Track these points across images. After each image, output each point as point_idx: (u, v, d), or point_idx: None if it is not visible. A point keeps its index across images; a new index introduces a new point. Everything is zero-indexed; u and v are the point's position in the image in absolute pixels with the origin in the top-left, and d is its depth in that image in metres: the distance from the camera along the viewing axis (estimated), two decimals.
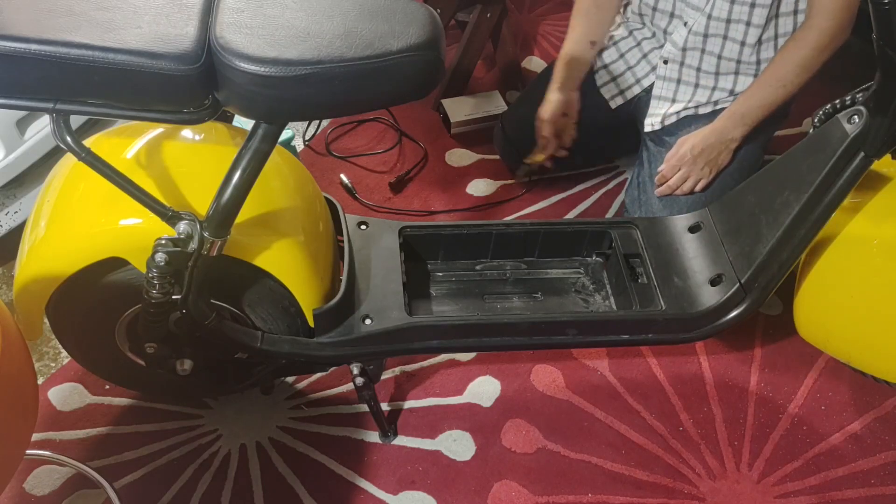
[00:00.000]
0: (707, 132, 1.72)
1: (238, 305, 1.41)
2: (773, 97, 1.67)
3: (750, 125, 1.70)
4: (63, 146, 1.10)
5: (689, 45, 1.75)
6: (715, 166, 1.73)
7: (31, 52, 0.98)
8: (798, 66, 1.63)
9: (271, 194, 1.37)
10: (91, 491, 1.51)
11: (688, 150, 1.72)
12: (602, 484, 1.55)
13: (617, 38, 1.91)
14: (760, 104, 1.68)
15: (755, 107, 1.68)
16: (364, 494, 1.53)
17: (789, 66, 1.64)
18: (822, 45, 1.60)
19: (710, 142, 1.71)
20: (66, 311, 1.38)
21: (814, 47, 1.60)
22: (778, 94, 1.66)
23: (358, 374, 1.50)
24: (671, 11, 1.79)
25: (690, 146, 1.72)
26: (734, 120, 1.70)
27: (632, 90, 1.90)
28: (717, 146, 1.72)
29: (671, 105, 1.82)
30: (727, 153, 1.73)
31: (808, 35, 1.61)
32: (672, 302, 1.53)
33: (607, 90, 1.93)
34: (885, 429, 1.65)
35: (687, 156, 1.73)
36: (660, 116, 1.83)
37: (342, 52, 1.05)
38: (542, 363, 1.74)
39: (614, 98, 1.93)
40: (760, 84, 1.68)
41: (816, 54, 1.61)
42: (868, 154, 1.33)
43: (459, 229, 1.64)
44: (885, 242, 1.42)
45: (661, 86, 1.83)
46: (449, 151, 2.24)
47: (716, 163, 1.73)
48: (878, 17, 1.19)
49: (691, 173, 1.74)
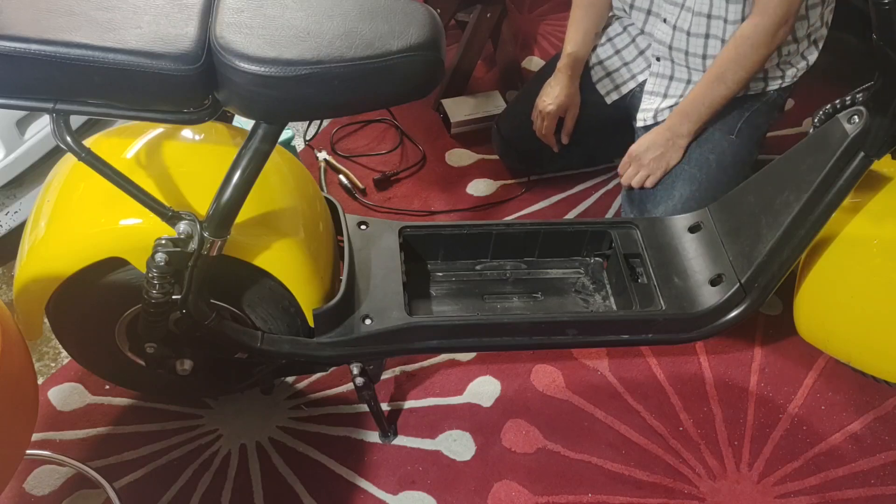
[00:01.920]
0: (657, 130, 1.77)
1: (238, 305, 1.41)
2: (714, 95, 1.70)
3: (696, 122, 1.74)
4: (63, 146, 1.10)
5: (674, 43, 1.76)
6: (663, 162, 1.77)
7: (31, 52, 0.98)
8: (735, 62, 1.65)
9: (271, 194, 1.37)
10: (91, 491, 1.51)
11: (636, 147, 1.79)
12: (602, 484, 1.55)
13: (612, 33, 1.92)
14: (703, 102, 1.71)
15: (698, 104, 1.72)
16: (364, 494, 1.53)
17: (727, 63, 1.66)
18: (758, 41, 1.61)
19: (657, 140, 1.76)
20: (66, 311, 1.38)
21: (751, 44, 1.62)
22: (719, 91, 1.69)
23: (358, 374, 1.50)
24: (648, 8, 1.80)
25: (637, 145, 1.79)
26: (679, 118, 1.74)
27: (627, 85, 1.90)
28: (664, 144, 1.75)
29: (663, 100, 1.83)
30: (676, 150, 1.76)
31: (745, 31, 1.62)
32: (672, 302, 1.53)
33: (603, 86, 1.93)
34: (885, 429, 1.65)
35: (634, 152, 1.79)
36: (652, 111, 1.84)
37: (342, 52, 1.05)
38: (542, 363, 1.74)
39: (610, 94, 1.93)
40: (703, 82, 1.71)
41: (753, 51, 1.62)
42: (868, 154, 1.33)
43: (459, 229, 1.64)
44: (885, 242, 1.42)
45: (653, 81, 1.84)
46: (449, 151, 2.24)
47: (664, 159, 1.77)
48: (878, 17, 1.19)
49: (640, 169, 1.78)
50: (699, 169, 1.75)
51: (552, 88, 1.94)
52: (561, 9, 2.73)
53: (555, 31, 2.66)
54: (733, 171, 1.75)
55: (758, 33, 1.61)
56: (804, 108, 2.27)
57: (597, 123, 2.00)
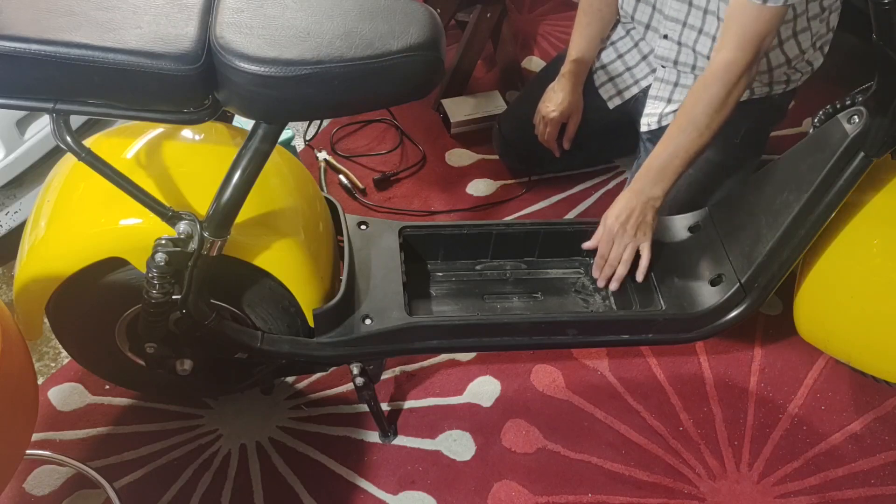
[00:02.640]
0: (627, 196, 1.55)
1: (238, 305, 1.41)
2: (688, 144, 1.49)
3: (671, 178, 1.52)
4: (63, 146, 1.10)
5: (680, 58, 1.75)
6: (647, 227, 1.55)
7: (31, 52, 0.98)
8: (708, 105, 1.46)
9: (271, 194, 1.37)
10: (91, 491, 1.51)
11: (613, 221, 1.55)
12: (602, 484, 1.55)
13: (614, 38, 1.91)
14: (676, 153, 1.50)
15: (671, 156, 1.50)
16: (364, 494, 1.53)
17: (699, 107, 1.47)
18: (730, 80, 1.43)
19: (632, 205, 1.54)
20: (66, 311, 1.38)
21: (722, 84, 1.44)
22: (692, 139, 1.48)
23: (358, 374, 1.50)
24: (647, 23, 1.79)
25: (615, 216, 1.55)
26: (651, 176, 1.52)
27: (630, 90, 1.90)
28: (640, 207, 1.53)
29: (667, 105, 1.82)
30: (653, 213, 1.55)
31: (715, 71, 1.44)
32: (672, 302, 1.53)
33: (605, 90, 1.93)
34: (885, 429, 1.65)
35: (614, 227, 1.55)
36: (656, 116, 1.83)
37: (342, 52, 1.05)
38: (542, 363, 1.74)
39: (612, 98, 1.92)
40: (672, 131, 1.51)
41: (725, 92, 1.44)
42: (868, 154, 1.33)
43: (459, 229, 1.64)
44: (885, 242, 1.42)
45: (657, 86, 1.83)
46: (449, 151, 2.24)
47: (646, 223, 1.55)
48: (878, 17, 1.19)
49: (627, 243, 1.56)
50: (703, 173, 1.75)
51: (556, 94, 1.91)
52: (561, 9, 2.73)
53: (555, 31, 2.66)
54: (736, 174, 1.75)
55: (731, 71, 1.43)
56: (804, 108, 2.27)
57: (599, 128, 1.99)
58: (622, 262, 1.57)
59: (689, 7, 1.69)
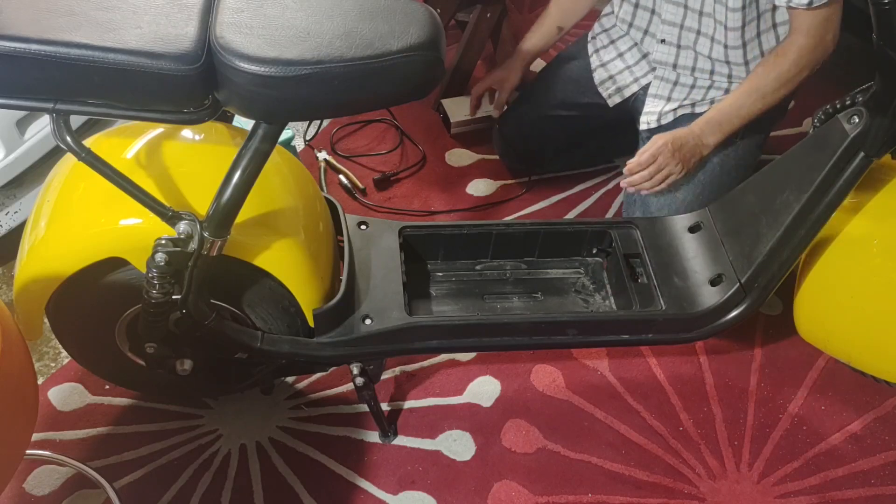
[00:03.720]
0: (684, 133, 1.68)
1: (238, 305, 1.41)
2: (751, 108, 1.65)
3: (725, 133, 1.68)
4: (63, 146, 1.10)
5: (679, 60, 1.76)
6: (687, 166, 1.69)
7: (31, 52, 0.98)
8: (776, 79, 1.61)
9: (271, 194, 1.37)
10: (91, 491, 1.51)
11: (667, 143, 1.66)
12: (602, 484, 1.55)
13: (614, 35, 1.91)
14: (738, 114, 1.66)
15: (733, 116, 1.66)
16: (364, 494, 1.53)
17: (769, 78, 1.62)
18: (801, 62, 1.58)
19: (686, 141, 1.67)
20: (66, 311, 1.38)
21: (793, 62, 1.59)
22: (756, 105, 1.65)
23: (358, 374, 1.50)
24: (645, 28, 1.81)
25: (671, 140, 1.67)
26: (711, 126, 1.68)
27: (629, 88, 1.90)
28: (692, 148, 1.68)
29: (667, 103, 1.82)
30: (698, 158, 1.70)
31: (788, 50, 1.59)
32: (672, 302, 1.53)
33: (604, 88, 1.93)
34: (885, 429, 1.65)
35: (667, 147, 1.66)
36: (656, 114, 1.83)
37: (342, 52, 1.05)
38: (542, 363, 1.74)
39: (612, 97, 1.92)
40: (739, 94, 1.66)
41: (796, 70, 1.60)
42: (868, 154, 1.33)
43: (459, 229, 1.64)
44: (885, 242, 1.42)
45: (657, 85, 1.83)
46: (449, 151, 2.24)
47: (689, 163, 1.69)
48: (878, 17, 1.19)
49: (666, 166, 1.67)
50: (702, 172, 1.75)
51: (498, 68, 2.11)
52: None
53: None
54: (736, 173, 1.75)
55: (802, 54, 1.58)
56: (804, 108, 2.27)
57: (598, 126, 1.99)
58: (652, 181, 1.69)
59: (685, 10, 1.70)
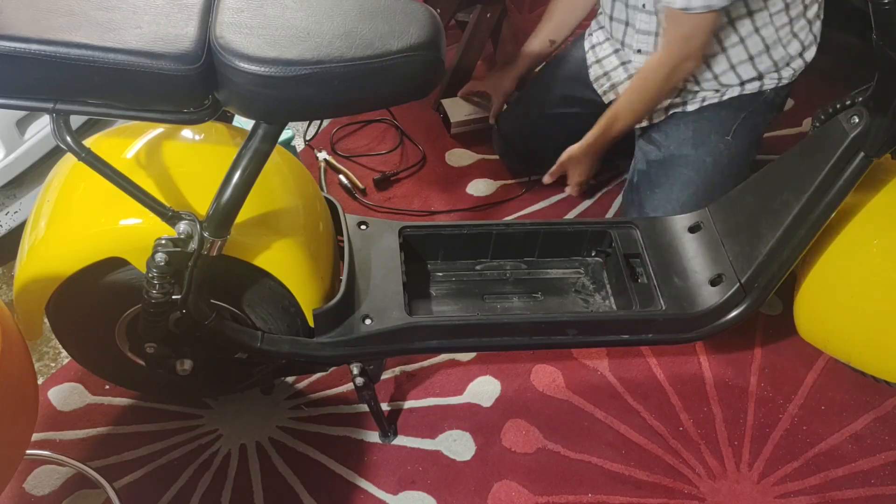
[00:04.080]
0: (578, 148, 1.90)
1: (238, 305, 1.41)
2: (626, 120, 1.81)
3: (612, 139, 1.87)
4: (63, 146, 1.10)
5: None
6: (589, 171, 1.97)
7: (31, 52, 0.98)
8: (638, 93, 1.76)
9: (271, 194, 1.37)
10: (91, 491, 1.51)
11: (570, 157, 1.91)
12: (602, 484, 1.55)
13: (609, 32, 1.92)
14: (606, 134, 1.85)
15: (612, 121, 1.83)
16: (364, 494, 1.53)
17: (631, 93, 1.77)
18: (661, 76, 1.71)
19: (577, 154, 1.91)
20: (66, 311, 1.38)
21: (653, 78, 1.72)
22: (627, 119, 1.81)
23: (358, 374, 1.50)
24: (622, 40, 1.84)
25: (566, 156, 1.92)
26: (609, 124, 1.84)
27: (624, 85, 1.90)
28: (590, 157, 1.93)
29: None
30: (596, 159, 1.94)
31: (651, 63, 1.73)
32: (672, 302, 1.53)
33: (599, 84, 1.93)
34: (885, 429, 1.65)
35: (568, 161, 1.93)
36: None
37: (342, 52, 1.05)
38: (542, 363, 1.74)
39: (606, 93, 1.92)
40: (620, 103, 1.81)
41: (654, 85, 1.73)
42: (868, 154, 1.33)
43: (459, 229, 1.64)
44: (885, 242, 1.42)
45: None
46: (449, 151, 2.24)
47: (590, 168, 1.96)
48: (878, 17, 1.19)
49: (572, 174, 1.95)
50: (696, 172, 1.75)
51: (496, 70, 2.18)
52: None
53: None
54: (730, 172, 1.75)
55: (662, 69, 1.69)
56: (804, 108, 2.27)
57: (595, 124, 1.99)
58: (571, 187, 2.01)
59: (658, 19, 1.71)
